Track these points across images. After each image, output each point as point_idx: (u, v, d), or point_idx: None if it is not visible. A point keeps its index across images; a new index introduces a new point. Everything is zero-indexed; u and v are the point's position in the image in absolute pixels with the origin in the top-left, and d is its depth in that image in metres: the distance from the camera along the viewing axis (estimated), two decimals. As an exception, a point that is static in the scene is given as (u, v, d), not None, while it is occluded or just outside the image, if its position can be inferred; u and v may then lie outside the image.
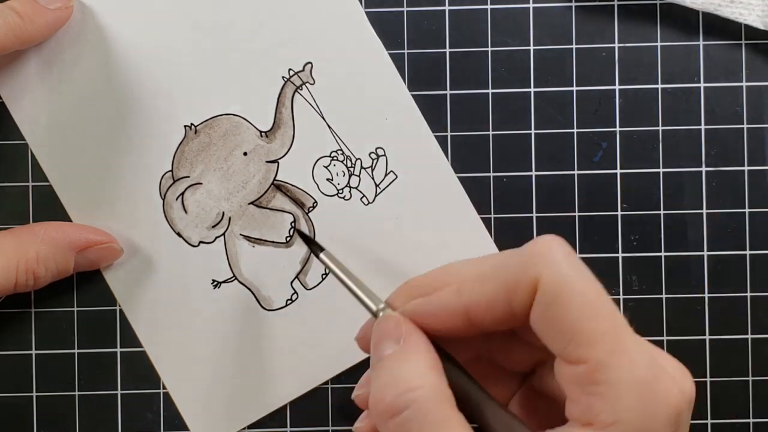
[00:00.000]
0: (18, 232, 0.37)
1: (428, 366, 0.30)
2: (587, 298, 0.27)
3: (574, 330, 0.27)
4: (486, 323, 0.30)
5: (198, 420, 0.39)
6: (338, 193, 0.39)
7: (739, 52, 0.39)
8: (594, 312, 0.27)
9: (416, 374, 0.29)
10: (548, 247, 0.29)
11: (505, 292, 0.29)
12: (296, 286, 0.39)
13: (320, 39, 0.39)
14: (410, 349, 0.30)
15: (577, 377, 0.27)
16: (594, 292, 0.28)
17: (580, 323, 0.27)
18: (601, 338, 0.27)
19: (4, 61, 0.39)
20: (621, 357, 0.27)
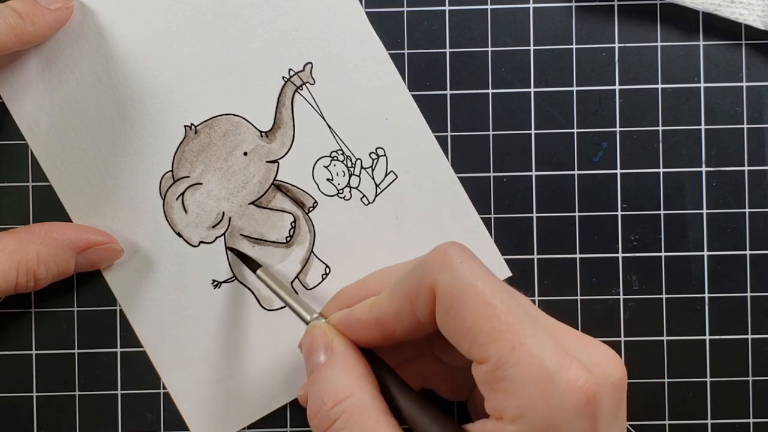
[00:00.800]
0: (18, 233, 0.37)
1: (355, 376, 0.31)
2: (483, 299, 0.28)
3: (474, 331, 0.28)
4: (398, 334, 0.31)
5: (198, 420, 0.39)
6: (338, 193, 0.39)
7: (739, 52, 0.39)
8: (491, 311, 0.28)
9: (345, 385, 0.30)
10: (443, 254, 0.29)
11: (409, 303, 0.30)
12: (296, 286, 0.39)
13: (320, 39, 0.39)
14: (337, 360, 0.31)
15: (483, 375, 0.28)
16: (491, 290, 0.28)
17: (478, 324, 0.28)
18: (499, 336, 0.27)
19: (4, 61, 0.39)
20: (520, 352, 0.27)
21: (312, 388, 0.31)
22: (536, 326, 0.28)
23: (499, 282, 0.29)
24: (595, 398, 0.27)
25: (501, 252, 0.39)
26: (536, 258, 0.39)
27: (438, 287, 0.29)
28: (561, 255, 0.39)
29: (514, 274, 0.39)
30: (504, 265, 0.39)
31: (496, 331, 0.28)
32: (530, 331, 0.28)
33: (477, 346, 0.28)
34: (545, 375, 0.27)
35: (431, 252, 0.30)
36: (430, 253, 0.30)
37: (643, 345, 0.39)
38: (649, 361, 0.39)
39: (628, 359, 0.39)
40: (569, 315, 0.39)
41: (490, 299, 0.28)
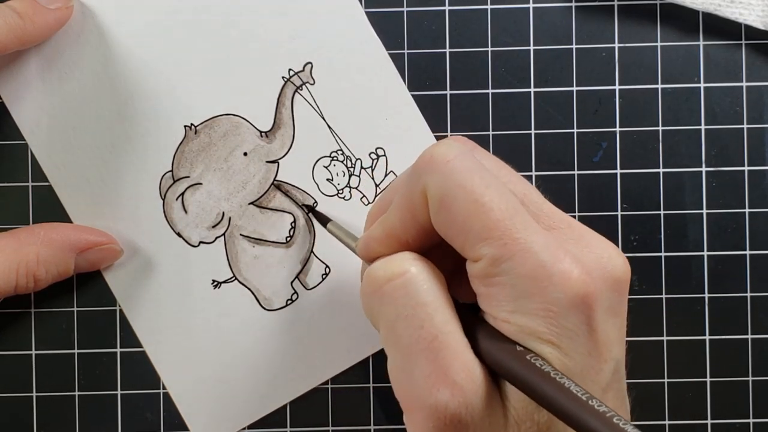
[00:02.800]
0: (18, 234, 0.37)
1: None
2: (472, 197, 0.27)
3: (465, 231, 0.27)
4: (412, 244, 0.30)
5: (198, 420, 0.39)
6: (338, 193, 0.39)
7: (739, 52, 0.39)
8: (480, 209, 0.27)
9: (410, 256, 0.29)
10: (429, 156, 0.29)
11: (409, 211, 0.30)
12: (296, 286, 0.39)
13: (320, 39, 0.39)
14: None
15: (478, 273, 0.28)
16: (480, 188, 0.27)
17: (468, 223, 0.27)
18: (490, 233, 0.27)
19: (4, 61, 0.39)
20: (512, 246, 0.27)
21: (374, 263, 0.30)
22: (528, 221, 0.27)
23: (491, 177, 0.28)
24: (590, 292, 0.27)
25: (501, 252, 0.39)
26: (536, 258, 0.39)
27: (427, 190, 0.28)
28: (561, 255, 0.39)
29: (514, 274, 0.39)
30: (504, 265, 0.39)
31: (486, 229, 0.27)
32: (522, 225, 0.27)
33: (469, 245, 0.27)
34: (540, 266, 0.26)
35: (420, 156, 0.29)
36: (419, 156, 0.29)
37: (643, 345, 0.39)
38: (649, 361, 0.39)
39: (628, 359, 0.39)
40: (569, 315, 0.39)
41: (479, 197, 0.27)
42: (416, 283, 0.28)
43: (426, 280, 0.29)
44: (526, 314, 0.27)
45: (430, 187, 0.28)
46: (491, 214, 0.27)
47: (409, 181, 0.29)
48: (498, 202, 0.27)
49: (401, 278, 0.29)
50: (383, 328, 0.29)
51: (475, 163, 0.28)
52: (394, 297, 0.28)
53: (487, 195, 0.27)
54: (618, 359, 0.28)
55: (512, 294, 0.27)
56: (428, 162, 0.29)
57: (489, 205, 0.27)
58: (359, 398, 0.39)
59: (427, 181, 0.28)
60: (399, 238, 0.30)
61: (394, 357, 0.29)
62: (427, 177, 0.28)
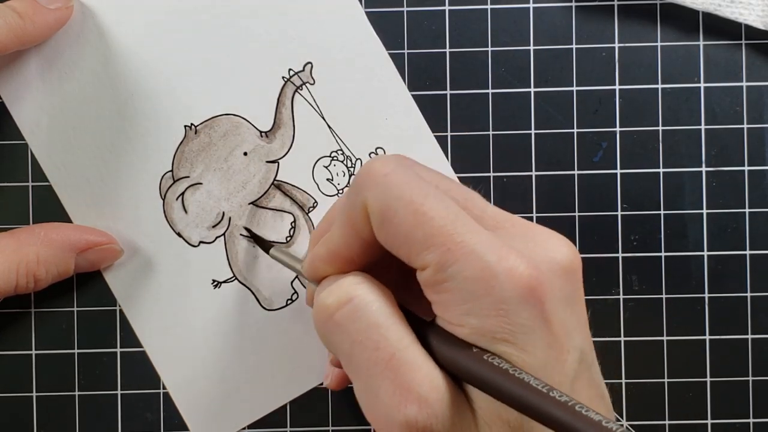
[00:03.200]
0: (18, 234, 0.37)
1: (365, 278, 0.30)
2: (411, 208, 0.27)
3: (408, 241, 0.28)
4: (357, 261, 0.30)
5: (198, 420, 0.39)
6: (338, 193, 0.39)
7: (739, 52, 0.39)
8: (420, 219, 0.27)
9: (355, 281, 0.30)
10: (366, 172, 0.29)
11: (351, 228, 0.30)
12: (296, 286, 0.39)
13: (320, 39, 0.39)
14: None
15: (426, 281, 0.28)
16: (419, 198, 0.28)
17: (410, 234, 0.27)
18: (433, 240, 0.27)
19: (4, 61, 0.39)
20: (456, 252, 0.27)
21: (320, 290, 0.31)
22: (470, 224, 0.28)
23: (428, 186, 0.28)
24: (539, 284, 0.27)
25: (501, 252, 0.39)
26: (536, 258, 0.39)
27: (368, 206, 0.29)
28: (561, 255, 0.39)
29: (514, 274, 0.39)
30: (504, 265, 0.39)
31: (428, 237, 0.27)
32: (463, 228, 0.27)
33: (414, 255, 0.28)
34: (485, 267, 0.26)
35: (357, 172, 0.30)
36: (356, 173, 0.30)
37: (643, 345, 0.39)
38: (649, 361, 0.39)
39: (628, 359, 0.39)
40: (569, 315, 0.39)
41: (419, 207, 0.27)
42: (364, 306, 0.28)
43: (374, 301, 0.29)
44: (478, 316, 0.27)
45: (370, 202, 0.28)
46: (432, 222, 0.27)
47: (349, 198, 0.30)
48: (438, 210, 0.27)
49: (349, 305, 0.29)
50: (341, 356, 0.29)
51: (413, 174, 0.29)
52: (345, 324, 0.29)
53: (427, 204, 0.28)
54: (581, 348, 0.28)
55: (462, 297, 0.27)
56: (366, 177, 0.29)
57: (429, 214, 0.27)
58: (359, 398, 0.39)
59: (367, 195, 0.29)
60: (343, 255, 0.31)
61: (357, 382, 0.29)
62: (367, 192, 0.29)
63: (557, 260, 0.28)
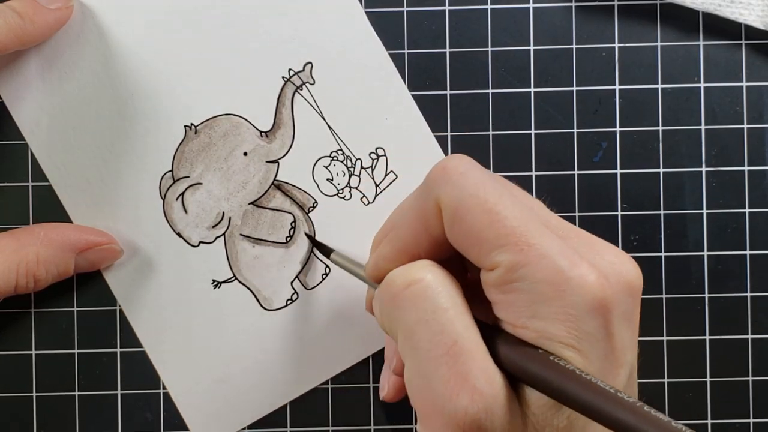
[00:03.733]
0: (18, 234, 0.37)
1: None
2: (486, 207, 0.28)
3: (480, 240, 0.28)
4: (423, 257, 0.30)
5: (198, 420, 0.39)
6: (338, 193, 0.39)
7: (739, 52, 0.39)
8: (494, 218, 0.27)
9: (425, 264, 0.30)
10: (442, 168, 0.29)
11: (421, 224, 0.30)
12: (296, 286, 0.39)
13: (320, 39, 0.39)
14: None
15: (494, 281, 0.28)
16: (494, 197, 0.28)
17: (482, 232, 0.28)
18: (505, 241, 0.27)
19: (4, 61, 0.39)
20: (528, 253, 0.27)
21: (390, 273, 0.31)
22: (542, 228, 0.28)
23: (503, 187, 0.29)
24: (607, 296, 0.27)
25: (501, 252, 0.39)
26: (536, 258, 0.39)
27: (441, 203, 0.29)
28: (561, 255, 0.39)
29: (514, 274, 0.39)
30: (504, 265, 0.39)
31: (501, 237, 0.27)
32: (537, 232, 0.27)
33: (485, 254, 0.28)
34: (557, 271, 0.26)
35: (432, 169, 0.30)
36: (430, 170, 0.30)
37: (643, 345, 0.39)
38: (649, 361, 0.39)
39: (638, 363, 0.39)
40: (569, 315, 0.39)
41: (492, 206, 0.28)
42: (435, 288, 0.28)
43: (445, 285, 0.29)
44: (545, 319, 0.27)
45: (444, 198, 0.29)
46: (506, 221, 0.27)
47: (422, 194, 0.30)
48: (512, 210, 0.28)
49: (420, 284, 0.29)
50: (402, 335, 0.29)
51: (487, 174, 0.29)
52: (413, 302, 0.28)
53: (501, 204, 0.28)
54: (632, 364, 0.29)
55: (530, 299, 0.27)
56: (441, 174, 0.29)
57: (503, 213, 0.27)
58: (359, 398, 0.39)
59: (441, 192, 0.29)
60: (411, 252, 0.31)
61: (413, 363, 0.28)
62: (441, 188, 0.29)
63: (624, 275, 0.28)
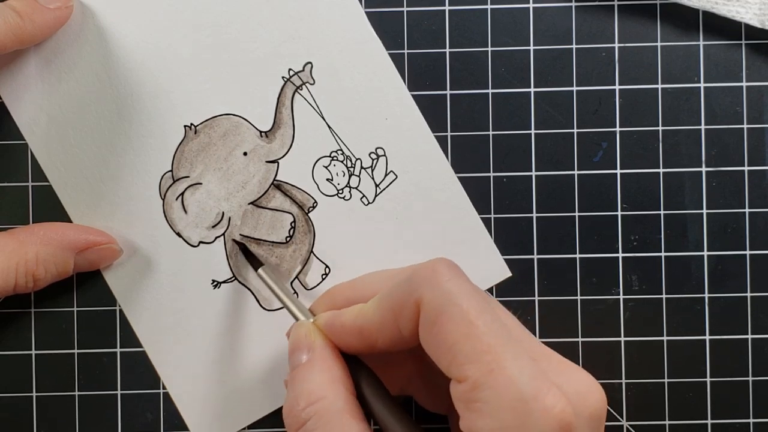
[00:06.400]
0: (17, 234, 0.37)
1: (331, 378, 0.31)
2: (467, 318, 0.28)
3: (455, 350, 0.28)
4: (379, 345, 0.31)
5: (198, 420, 0.39)
6: (338, 193, 0.39)
7: (739, 52, 0.39)
8: (473, 331, 0.28)
9: (319, 387, 0.31)
10: (431, 270, 0.30)
11: (393, 315, 0.30)
12: (296, 286, 0.39)
13: (320, 39, 0.39)
14: (316, 362, 0.32)
15: (460, 394, 0.28)
16: (475, 311, 0.28)
17: (459, 343, 0.28)
18: (478, 357, 0.27)
19: (4, 61, 0.39)
20: (498, 375, 0.27)
21: (289, 387, 0.32)
22: (518, 349, 0.28)
23: (485, 302, 0.29)
24: (570, 427, 0.27)
25: (501, 252, 0.39)
26: (536, 258, 0.39)
27: (423, 303, 0.29)
28: (561, 255, 0.39)
29: (514, 274, 0.39)
30: (504, 265, 0.39)
31: (475, 352, 0.28)
32: (511, 354, 0.28)
33: (456, 364, 0.28)
34: (521, 400, 0.27)
35: (420, 267, 0.30)
36: (418, 268, 0.30)
37: (643, 345, 0.39)
38: (649, 361, 0.39)
39: (628, 359, 0.39)
40: (569, 315, 0.39)
41: (474, 319, 0.28)
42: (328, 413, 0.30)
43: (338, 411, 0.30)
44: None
45: (427, 301, 0.29)
46: (483, 337, 0.28)
47: (403, 289, 0.30)
48: (491, 327, 0.28)
49: (320, 404, 0.30)
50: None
51: (472, 286, 0.29)
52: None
53: (481, 318, 0.28)
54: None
55: (492, 423, 0.27)
56: (429, 275, 0.29)
57: (482, 329, 0.28)
58: (359, 398, 0.39)
59: (425, 293, 0.29)
60: (371, 335, 0.31)
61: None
62: (425, 290, 0.29)
63: (589, 405, 0.29)
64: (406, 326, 0.30)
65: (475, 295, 0.29)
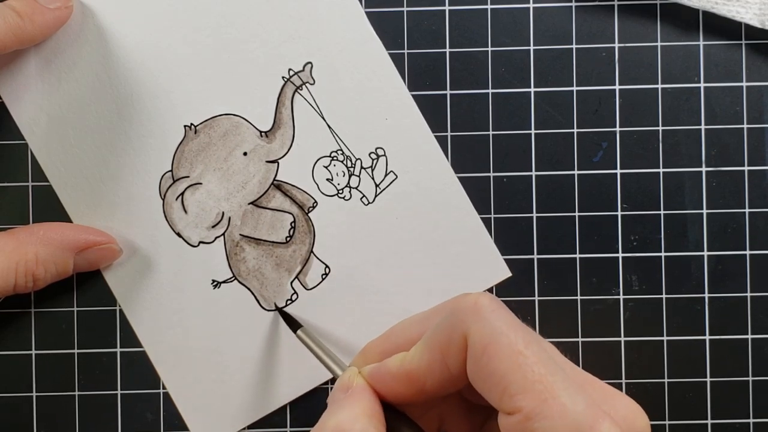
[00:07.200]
0: (17, 234, 0.37)
1: (362, 411, 0.30)
2: (515, 348, 0.28)
3: (506, 381, 0.28)
4: (428, 387, 0.31)
5: (198, 420, 0.39)
6: (338, 193, 0.39)
7: (739, 52, 0.39)
8: (523, 362, 0.28)
9: (348, 418, 0.30)
10: (474, 303, 0.29)
11: (440, 354, 0.30)
12: (296, 286, 0.39)
13: (320, 39, 0.39)
14: (352, 396, 0.31)
15: (513, 426, 0.28)
16: (522, 341, 0.28)
17: (509, 374, 0.28)
18: (531, 387, 0.27)
19: (4, 61, 0.39)
20: (552, 404, 0.27)
21: (324, 415, 0.32)
22: (567, 378, 0.28)
23: (530, 332, 0.29)
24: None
25: (501, 252, 0.39)
26: (536, 258, 0.39)
27: (470, 336, 0.29)
28: (561, 255, 0.39)
29: (514, 274, 0.39)
30: (504, 265, 0.39)
31: (528, 382, 0.27)
32: (562, 383, 0.27)
33: (508, 396, 0.28)
34: (577, 429, 0.27)
35: (460, 302, 0.30)
36: (459, 302, 0.30)
37: (643, 345, 0.39)
38: (649, 361, 0.39)
39: (628, 359, 0.39)
40: (569, 315, 0.39)
41: (523, 349, 0.28)
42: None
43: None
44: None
45: (473, 333, 0.29)
46: (534, 368, 0.27)
47: (448, 326, 0.30)
48: (539, 356, 0.28)
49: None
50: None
51: (516, 319, 0.29)
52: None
53: (530, 349, 0.28)
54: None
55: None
56: (473, 309, 0.29)
57: (532, 359, 0.28)
58: (359, 398, 0.39)
59: (470, 327, 0.29)
60: (419, 379, 0.31)
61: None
62: (470, 324, 0.29)
63: (637, 429, 0.29)
64: (454, 363, 0.30)
65: (520, 326, 0.29)
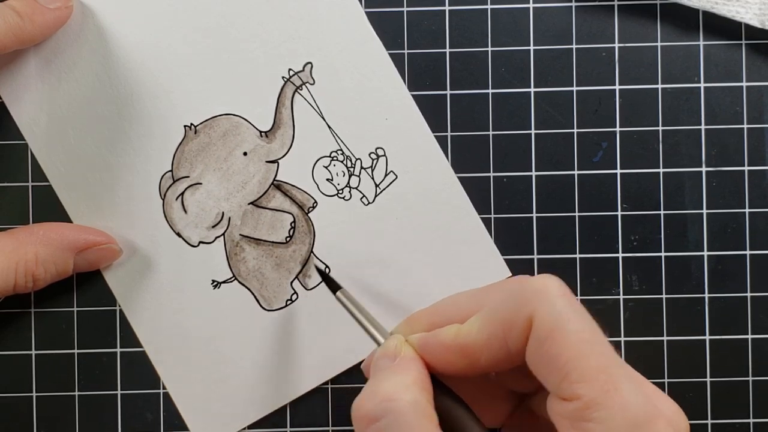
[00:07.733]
0: (17, 234, 0.37)
1: (413, 381, 0.30)
2: (582, 336, 0.28)
3: (568, 367, 0.28)
4: (482, 363, 0.31)
5: (198, 420, 0.39)
6: (338, 193, 0.39)
7: (739, 52, 0.39)
8: (589, 350, 0.28)
9: (399, 387, 0.30)
10: (543, 285, 0.29)
11: (502, 331, 0.30)
12: (296, 286, 0.39)
13: (320, 39, 0.39)
14: (401, 365, 0.31)
15: (569, 413, 0.28)
16: (589, 330, 0.28)
17: (574, 360, 0.28)
18: (595, 376, 0.27)
19: (4, 61, 0.39)
20: (614, 396, 0.27)
21: (368, 384, 0.31)
22: (630, 373, 0.28)
23: (594, 322, 0.29)
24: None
25: (501, 252, 0.39)
26: (536, 258, 0.39)
27: (536, 318, 0.29)
28: (561, 255, 0.39)
29: (514, 274, 0.39)
30: (504, 265, 0.39)
31: (592, 371, 0.27)
32: (626, 377, 0.27)
33: (568, 382, 0.27)
34: (635, 423, 0.27)
35: (529, 282, 0.30)
36: (527, 283, 0.30)
37: (643, 345, 0.39)
38: (649, 361, 0.39)
39: (628, 359, 0.39)
40: (569, 315, 0.39)
41: (589, 337, 0.28)
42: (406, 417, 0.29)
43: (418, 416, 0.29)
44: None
45: (540, 317, 0.28)
46: (599, 357, 0.27)
47: (512, 304, 0.30)
48: (604, 347, 0.28)
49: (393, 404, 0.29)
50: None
51: (582, 307, 0.29)
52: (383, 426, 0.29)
53: (595, 338, 0.28)
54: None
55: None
56: (541, 291, 0.29)
57: (597, 348, 0.28)
58: (359, 398, 0.39)
59: (537, 309, 0.29)
60: (475, 353, 0.31)
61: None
62: (537, 305, 0.29)
63: (684, 430, 0.29)
64: (515, 342, 0.29)
65: (586, 314, 0.29)
